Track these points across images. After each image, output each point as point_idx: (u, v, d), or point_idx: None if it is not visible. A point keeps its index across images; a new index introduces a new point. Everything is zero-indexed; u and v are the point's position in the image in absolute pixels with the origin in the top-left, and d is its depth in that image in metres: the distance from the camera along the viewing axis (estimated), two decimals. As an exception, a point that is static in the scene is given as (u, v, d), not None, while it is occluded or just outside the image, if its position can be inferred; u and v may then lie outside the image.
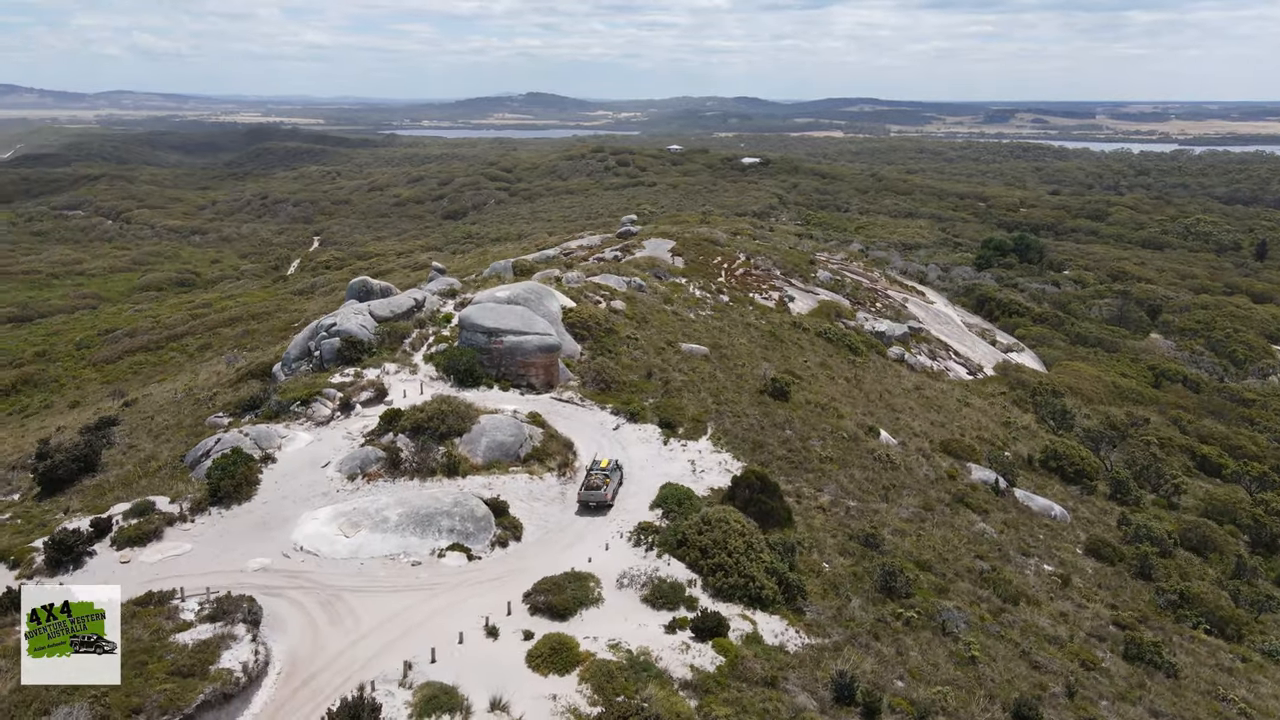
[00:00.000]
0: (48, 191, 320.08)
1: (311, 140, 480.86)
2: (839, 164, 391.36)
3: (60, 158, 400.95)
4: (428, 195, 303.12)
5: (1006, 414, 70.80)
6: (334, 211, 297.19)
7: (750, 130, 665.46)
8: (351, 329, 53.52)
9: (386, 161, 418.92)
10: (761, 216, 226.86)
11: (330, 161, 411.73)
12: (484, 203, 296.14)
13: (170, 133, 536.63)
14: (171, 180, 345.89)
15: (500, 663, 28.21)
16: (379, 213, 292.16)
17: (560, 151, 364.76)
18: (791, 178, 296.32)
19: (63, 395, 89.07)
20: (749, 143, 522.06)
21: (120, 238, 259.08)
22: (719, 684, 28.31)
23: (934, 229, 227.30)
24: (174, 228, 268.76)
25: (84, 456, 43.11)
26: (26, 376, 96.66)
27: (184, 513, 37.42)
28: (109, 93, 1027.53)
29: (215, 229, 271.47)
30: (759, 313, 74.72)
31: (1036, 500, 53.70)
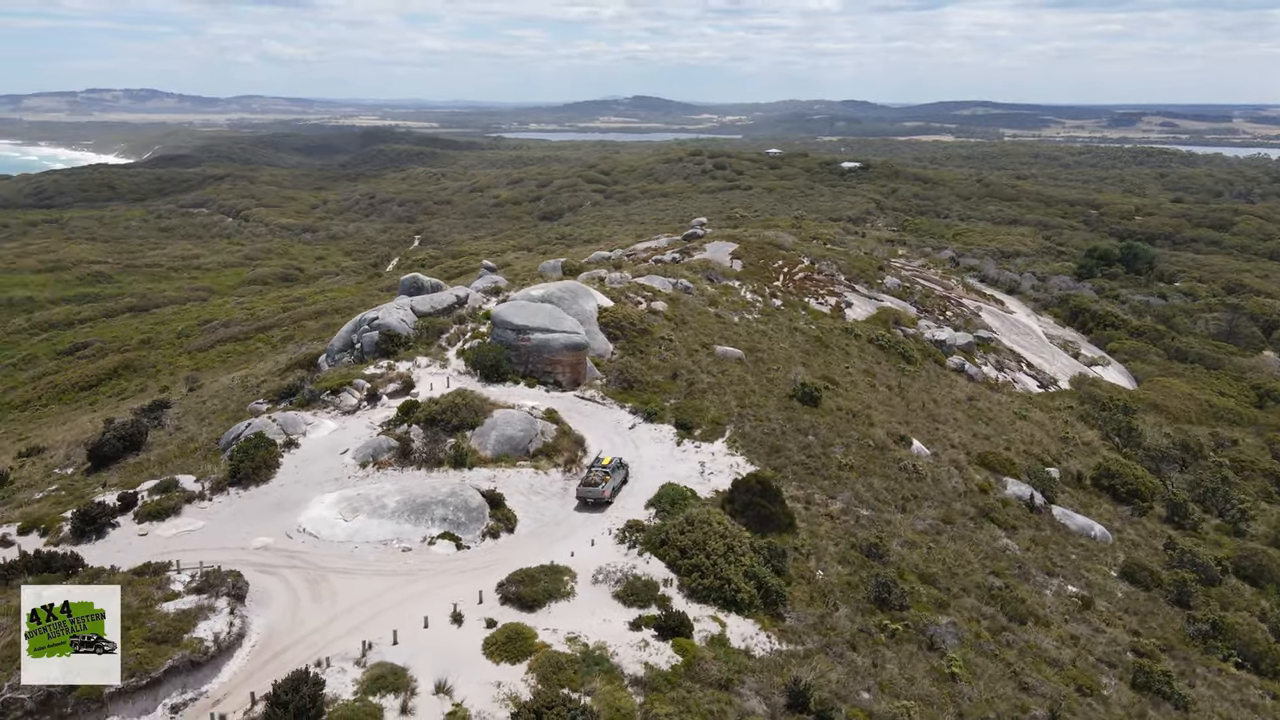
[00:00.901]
0: (178, 190, 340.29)
1: (421, 143, 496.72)
2: (946, 169, 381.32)
3: (191, 159, 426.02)
4: (526, 196, 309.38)
5: (1066, 429, 67.95)
6: (436, 211, 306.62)
7: (856, 134, 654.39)
8: (391, 323, 55.54)
9: (491, 163, 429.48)
10: (856, 222, 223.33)
11: (437, 163, 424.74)
12: (580, 204, 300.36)
13: (293, 135, 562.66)
14: (289, 180, 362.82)
15: (457, 648, 29.02)
16: (478, 213, 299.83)
17: (658, 155, 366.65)
18: (891, 183, 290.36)
19: (156, 380, 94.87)
20: (854, 147, 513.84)
21: (237, 234, 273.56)
22: (670, 683, 28.40)
23: (1037, 237, 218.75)
24: (287, 225, 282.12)
25: (129, 436, 46.16)
26: (128, 362, 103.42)
27: (204, 491, 39.71)
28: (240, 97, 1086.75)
29: (324, 227, 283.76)
30: (811, 318, 73.80)
31: (1075, 519, 51.47)
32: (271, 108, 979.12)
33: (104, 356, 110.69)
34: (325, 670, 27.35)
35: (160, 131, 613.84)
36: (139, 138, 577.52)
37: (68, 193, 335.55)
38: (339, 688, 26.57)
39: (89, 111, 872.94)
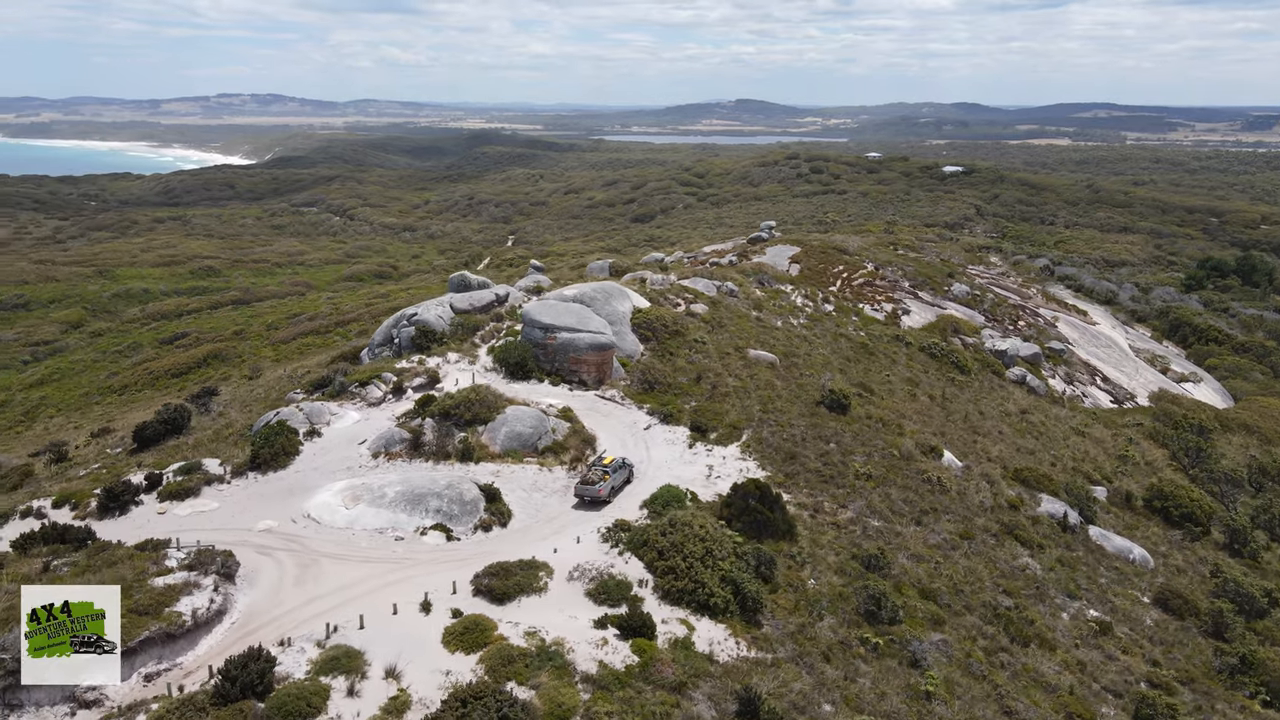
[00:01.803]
0: (292, 190, 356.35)
1: (524, 145, 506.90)
2: (1057, 174, 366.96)
3: (307, 160, 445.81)
4: (619, 199, 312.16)
5: (1127, 447, 64.67)
6: (531, 212, 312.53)
7: (965, 138, 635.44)
8: (428, 319, 57.16)
9: (591, 165, 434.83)
10: (953, 227, 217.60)
11: (537, 165, 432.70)
12: (672, 207, 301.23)
13: (403, 138, 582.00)
14: (394, 181, 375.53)
15: (418, 636, 29.77)
16: (572, 214, 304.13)
17: (754, 158, 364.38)
18: (993, 188, 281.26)
19: (240, 370, 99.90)
20: (962, 150, 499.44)
21: (342, 232, 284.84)
22: (620, 682, 28.49)
23: (1147, 246, 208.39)
24: (389, 224, 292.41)
25: (172, 420, 48.92)
26: (217, 351, 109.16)
27: (225, 475, 41.78)
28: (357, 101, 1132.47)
29: (424, 226, 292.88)
30: (862, 324, 72.31)
31: (1113, 540, 49.02)
32: (386, 111, 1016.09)
33: (197, 346, 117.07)
34: (287, 650, 28.51)
35: (282, 134, 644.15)
36: (262, 140, 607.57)
37: (193, 191, 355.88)
38: (294, 667, 27.66)
39: (219, 115, 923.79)
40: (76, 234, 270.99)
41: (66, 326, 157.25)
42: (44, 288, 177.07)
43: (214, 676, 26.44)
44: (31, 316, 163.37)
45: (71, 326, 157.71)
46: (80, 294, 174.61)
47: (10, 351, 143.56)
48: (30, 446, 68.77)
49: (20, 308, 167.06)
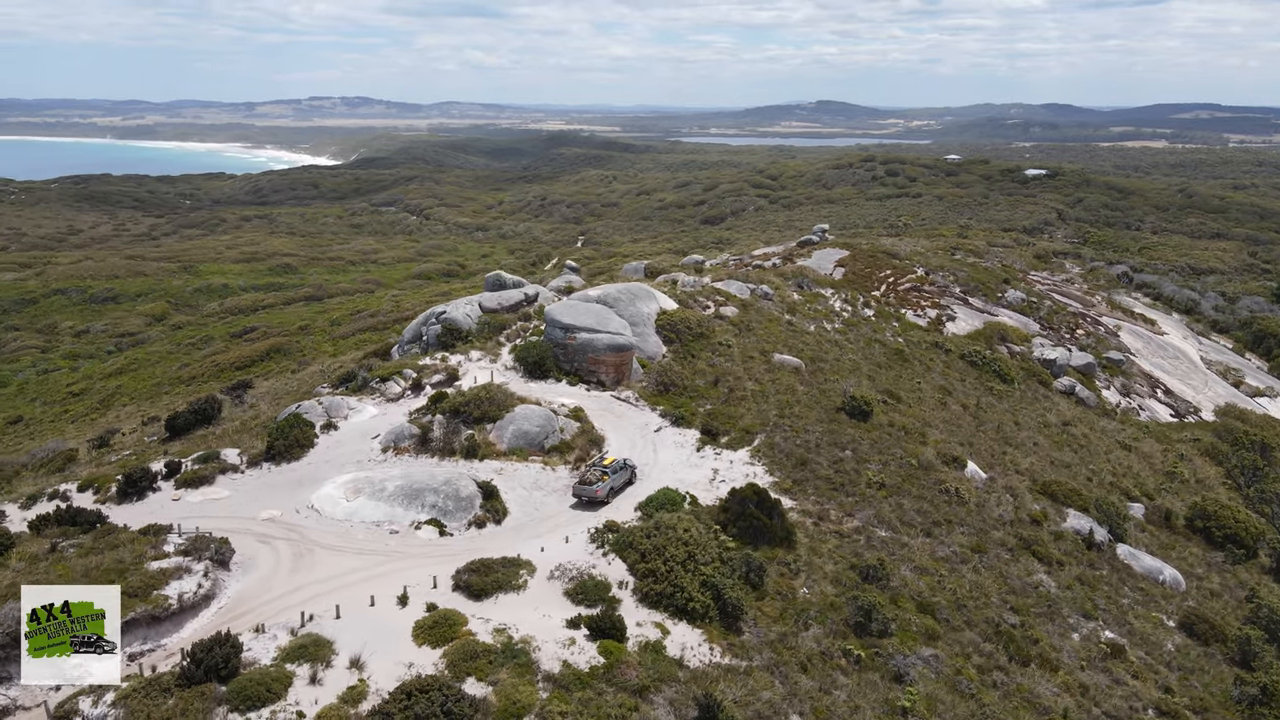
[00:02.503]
0: (373, 190, 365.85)
1: (600, 146, 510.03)
2: (1150, 177, 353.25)
3: (389, 161, 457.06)
4: (690, 200, 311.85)
5: (1177, 464, 61.86)
6: (603, 213, 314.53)
7: (1055, 140, 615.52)
8: (456, 318, 58.11)
9: (665, 167, 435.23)
10: (1031, 232, 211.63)
11: (612, 166, 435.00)
12: (743, 209, 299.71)
13: (482, 139, 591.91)
14: (471, 181, 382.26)
15: (390, 628, 30.31)
16: (642, 215, 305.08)
17: (829, 160, 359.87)
18: (1078, 191, 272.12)
19: (299, 363, 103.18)
20: (1049, 153, 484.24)
21: (417, 231, 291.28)
22: (581, 683, 28.51)
23: (1241, 253, 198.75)
24: (462, 224, 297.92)
25: (202, 411, 50.85)
26: (279, 345, 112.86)
27: (240, 465, 43.25)
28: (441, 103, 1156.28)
29: (496, 226, 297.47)
30: (901, 330, 70.77)
31: (1143, 560, 46.93)
32: (468, 113, 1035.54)
33: (263, 340, 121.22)
34: (259, 636, 29.38)
35: (367, 136, 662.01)
36: (348, 141, 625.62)
37: (280, 191, 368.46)
38: (262, 653, 28.46)
39: (310, 117, 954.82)
40: (170, 231, 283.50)
41: (151, 319, 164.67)
42: (133, 282, 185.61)
43: (185, 659, 27.41)
44: (120, 309, 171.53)
45: (155, 319, 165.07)
46: (165, 288, 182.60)
47: (98, 342, 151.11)
48: (98, 432, 72.35)
49: (110, 301, 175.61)
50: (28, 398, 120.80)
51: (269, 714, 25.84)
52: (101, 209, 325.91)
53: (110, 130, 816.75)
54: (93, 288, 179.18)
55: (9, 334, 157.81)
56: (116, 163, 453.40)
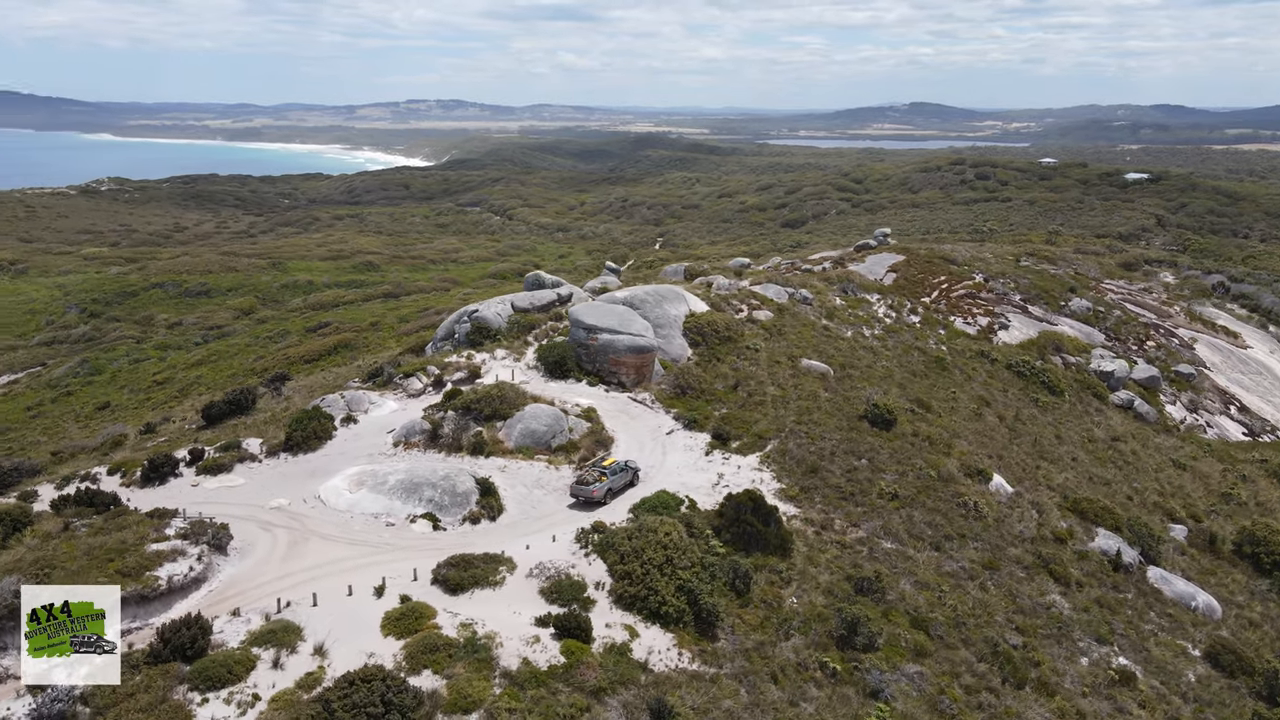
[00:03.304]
0: (460, 190, 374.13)
1: (687, 149, 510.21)
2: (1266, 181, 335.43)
3: (478, 162, 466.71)
4: (771, 203, 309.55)
5: (1236, 485, 58.50)
6: (683, 215, 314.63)
7: (1164, 142, 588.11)
8: (487, 316, 59.04)
9: (751, 169, 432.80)
10: (1127, 239, 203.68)
11: (697, 168, 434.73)
12: (825, 213, 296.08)
13: (571, 140, 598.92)
14: (556, 183, 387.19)
15: (361, 618, 30.98)
16: (722, 218, 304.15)
17: (916, 163, 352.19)
18: (1181, 196, 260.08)
19: (361, 357, 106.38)
20: (1156, 156, 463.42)
21: (500, 231, 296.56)
22: (538, 681, 28.64)
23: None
24: (544, 224, 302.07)
25: (236, 401, 52.89)
26: (345, 341, 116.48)
27: (259, 454, 44.85)
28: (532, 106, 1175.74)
29: (577, 227, 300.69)
30: (947, 337, 68.76)
31: (1175, 584, 44.54)
32: (559, 115, 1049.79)
33: (335, 334, 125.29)
34: (234, 620, 30.44)
35: (460, 138, 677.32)
36: (441, 143, 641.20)
37: (372, 191, 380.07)
38: (232, 636, 29.47)
39: (407, 120, 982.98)
40: (267, 229, 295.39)
41: (239, 313, 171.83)
42: (225, 277, 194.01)
43: (155, 638, 28.64)
44: (211, 303, 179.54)
45: (243, 313, 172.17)
46: (254, 284, 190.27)
47: (188, 334, 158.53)
48: (155, 419, 76.01)
49: (203, 295, 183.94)
50: (118, 385, 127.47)
51: (226, 694, 26.78)
52: (206, 207, 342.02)
53: (221, 132, 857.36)
54: (188, 282, 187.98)
55: (110, 324, 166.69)
56: (224, 163, 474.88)
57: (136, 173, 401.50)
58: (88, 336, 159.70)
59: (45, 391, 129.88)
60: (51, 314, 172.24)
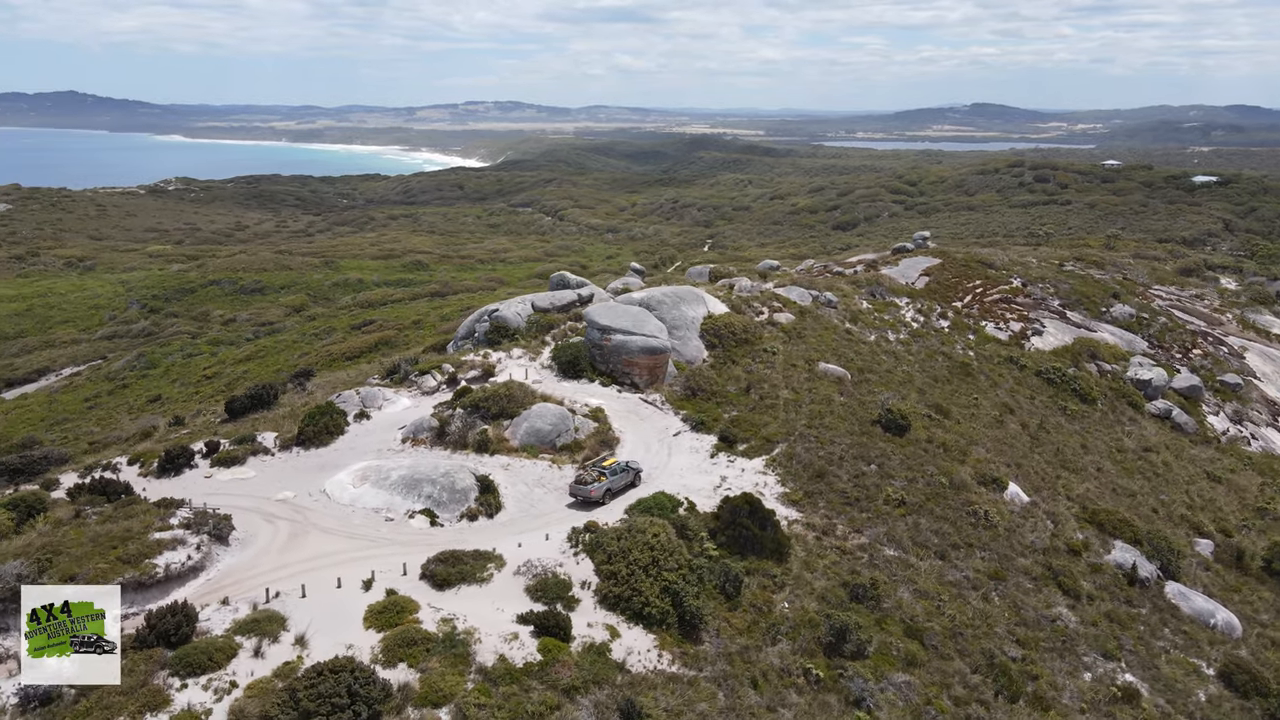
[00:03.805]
0: (513, 191, 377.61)
1: (740, 151, 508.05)
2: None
3: (532, 163, 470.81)
4: (823, 205, 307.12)
5: (1274, 499, 56.36)
6: (734, 217, 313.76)
7: (1238, 144, 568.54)
8: (506, 316, 59.56)
9: (805, 171, 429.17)
10: (1191, 244, 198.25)
11: (750, 170, 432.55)
12: (877, 215, 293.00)
13: (626, 142, 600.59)
14: (608, 184, 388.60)
15: (346, 610, 31.46)
16: (773, 220, 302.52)
17: (973, 165, 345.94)
18: (1253, 200, 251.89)
19: (401, 354, 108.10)
20: (1229, 159, 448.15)
21: (550, 232, 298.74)
22: (512, 678, 28.83)
23: None
24: (594, 225, 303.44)
25: (259, 395, 54.14)
26: (386, 338, 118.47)
27: (272, 448, 45.87)
28: (588, 107, 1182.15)
29: (627, 228, 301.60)
30: (976, 342, 67.39)
31: (1193, 601, 43.07)
32: (615, 117, 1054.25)
33: (379, 332, 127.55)
34: (222, 609, 31.20)
35: (515, 139, 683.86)
36: (496, 144, 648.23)
37: (428, 191, 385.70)
38: (218, 624, 30.19)
39: (465, 121, 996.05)
40: (324, 228, 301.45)
41: (290, 310, 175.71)
42: (279, 275, 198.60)
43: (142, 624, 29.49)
44: (265, 300, 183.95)
45: (294, 310, 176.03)
46: (306, 282, 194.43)
47: (241, 330, 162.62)
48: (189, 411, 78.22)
49: (257, 292, 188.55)
50: (170, 379, 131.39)
51: (205, 680, 27.46)
52: (268, 207, 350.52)
53: (285, 134, 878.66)
54: (243, 279, 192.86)
55: (168, 320, 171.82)
56: (288, 164, 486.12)
57: (203, 173, 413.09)
58: (147, 331, 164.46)
59: (103, 384, 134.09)
60: (114, 309, 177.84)
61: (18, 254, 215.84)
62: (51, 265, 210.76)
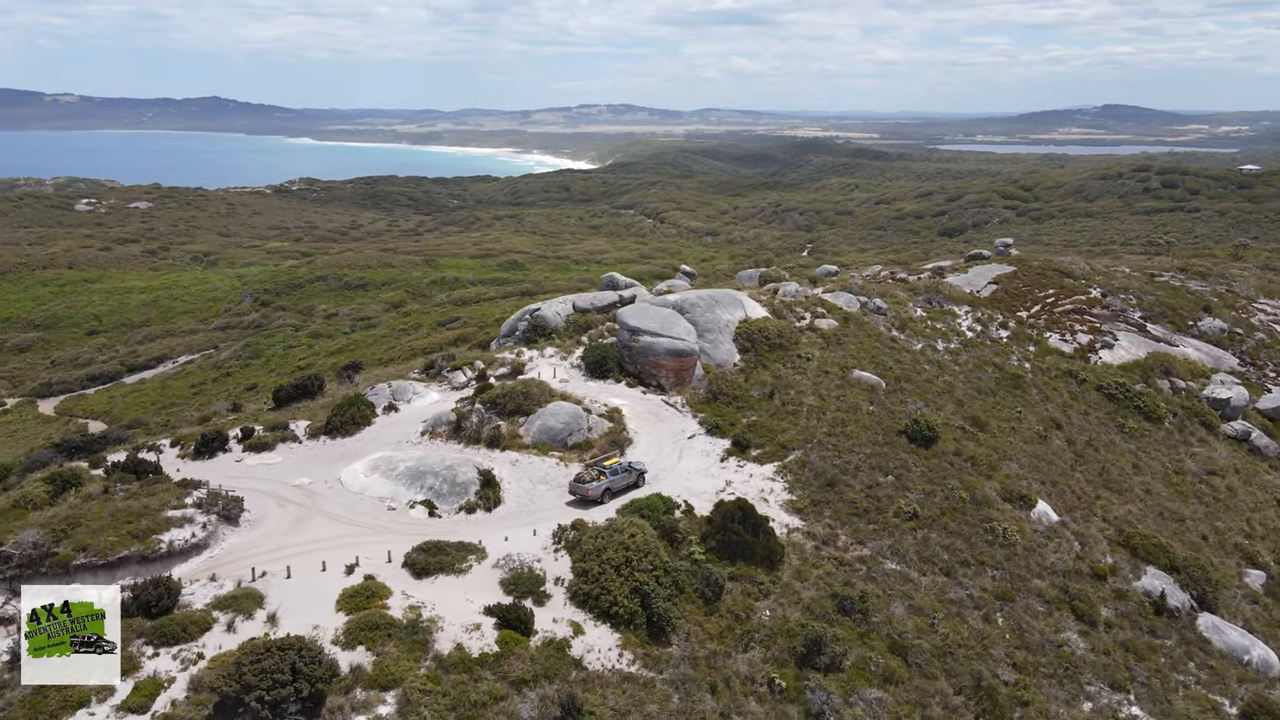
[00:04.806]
0: (617, 193, 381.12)
1: (850, 154, 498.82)
2: None
3: (640, 166, 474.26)
4: (929, 210, 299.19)
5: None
6: (836, 221, 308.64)
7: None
8: (546, 315, 60.57)
9: (916, 175, 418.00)
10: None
11: (859, 174, 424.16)
12: (986, 221, 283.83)
13: (735, 145, 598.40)
14: (712, 187, 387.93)
15: (323, 592, 32.73)
16: (876, 225, 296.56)
17: (1095, 170, 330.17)
18: None
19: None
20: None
21: (650, 234, 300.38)
22: (465, 667, 29.45)
23: None
24: (693, 228, 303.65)
25: (304, 386, 56.66)
26: (466, 335, 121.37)
27: (301, 436, 48.00)
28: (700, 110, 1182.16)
29: (726, 231, 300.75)
30: (1036, 354, 64.49)
31: (1227, 634, 40.26)
32: (726, 119, 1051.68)
33: (458, 329, 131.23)
34: (210, 584, 32.96)
35: (625, 141, 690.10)
36: (606, 147, 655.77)
37: (535, 193, 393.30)
38: (201, 598, 31.91)
39: (578, 124, 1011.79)
40: (433, 227, 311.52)
41: (388, 306, 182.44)
42: (381, 272, 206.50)
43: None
44: (366, 296, 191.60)
45: (392, 307, 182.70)
46: (406, 279, 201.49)
47: (340, 324, 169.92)
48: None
49: (359, 288, 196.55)
50: (269, 369, 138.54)
51: (176, 650, 29.13)
52: (381, 207, 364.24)
53: (406, 136, 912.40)
54: (347, 276, 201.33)
55: (276, 313, 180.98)
56: (405, 166, 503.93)
57: (326, 174, 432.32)
58: (256, 323, 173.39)
59: (210, 372, 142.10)
60: (230, 302, 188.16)
61: (151, 249, 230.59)
62: (180, 260, 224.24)
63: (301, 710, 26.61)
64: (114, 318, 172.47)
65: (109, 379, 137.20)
